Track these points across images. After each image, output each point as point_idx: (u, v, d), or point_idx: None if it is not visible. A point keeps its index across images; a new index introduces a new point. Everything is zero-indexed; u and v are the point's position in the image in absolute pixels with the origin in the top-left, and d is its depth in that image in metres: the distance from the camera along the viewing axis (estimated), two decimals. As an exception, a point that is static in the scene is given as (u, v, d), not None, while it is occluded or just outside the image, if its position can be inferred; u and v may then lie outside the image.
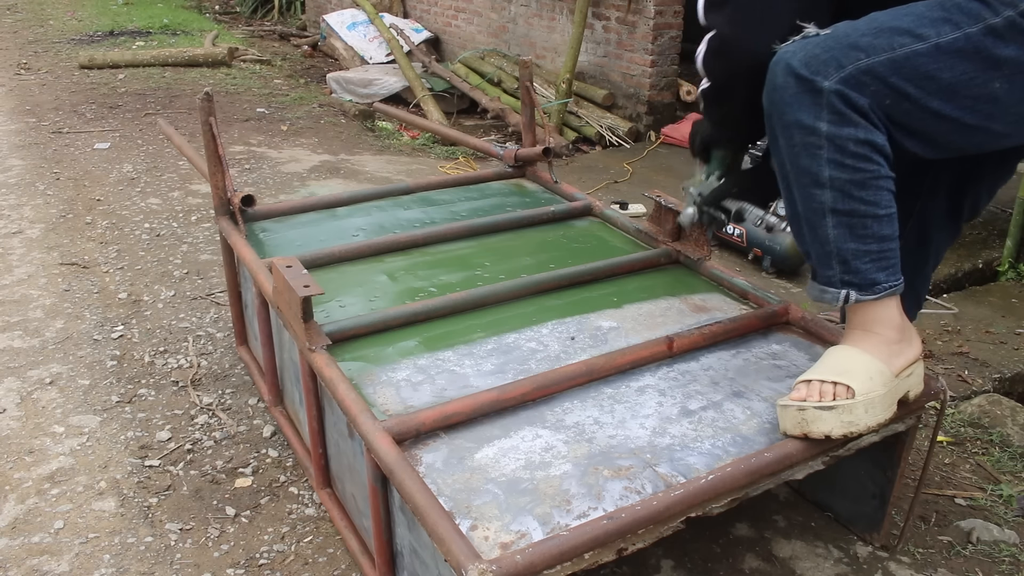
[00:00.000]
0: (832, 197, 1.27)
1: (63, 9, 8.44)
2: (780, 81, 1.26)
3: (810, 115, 1.24)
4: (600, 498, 1.16)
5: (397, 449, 1.21)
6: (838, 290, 1.32)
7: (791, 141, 1.27)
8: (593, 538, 1.08)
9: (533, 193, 2.27)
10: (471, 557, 1.01)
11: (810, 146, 1.26)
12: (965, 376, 2.25)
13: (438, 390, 1.40)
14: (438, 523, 1.07)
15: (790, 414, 1.28)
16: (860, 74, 1.22)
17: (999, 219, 3.37)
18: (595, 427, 1.32)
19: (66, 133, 4.29)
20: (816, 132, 1.24)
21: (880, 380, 1.29)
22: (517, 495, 1.16)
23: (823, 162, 1.25)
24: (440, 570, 1.16)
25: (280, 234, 2.00)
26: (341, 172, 3.86)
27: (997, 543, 1.62)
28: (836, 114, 1.23)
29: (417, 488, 1.13)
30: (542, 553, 1.04)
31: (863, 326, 1.35)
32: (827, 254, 1.31)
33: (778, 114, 1.28)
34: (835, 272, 1.31)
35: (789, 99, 1.25)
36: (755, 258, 3.04)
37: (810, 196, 1.29)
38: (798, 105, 1.25)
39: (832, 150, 1.25)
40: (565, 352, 1.51)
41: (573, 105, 4.94)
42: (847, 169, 1.25)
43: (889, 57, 1.22)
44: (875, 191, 1.27)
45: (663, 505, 1.13)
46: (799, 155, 1.27)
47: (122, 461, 1.83)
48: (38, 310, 2.49)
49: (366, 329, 1.56)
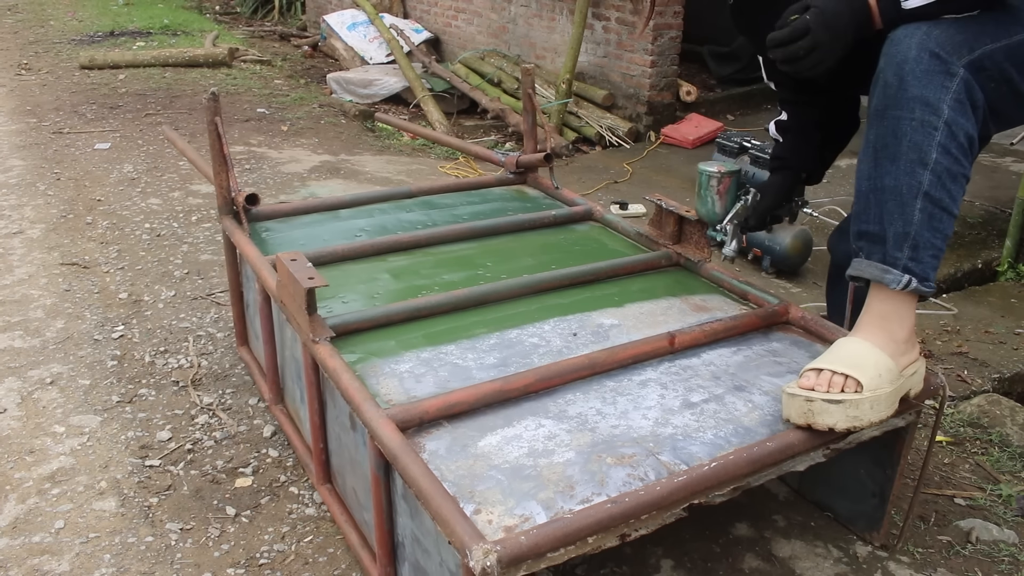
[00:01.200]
0: (930, 181, 1.29)
1: (63, 9, 8.44)
2: (914, 54, 1.27)
3: (937, 94, 1.26)
4: (603, 484, 1.17)
5: (400, 435, 1.21)
6: (900, 274, 1.32)
7: (911, 114, 1.28)
8: (597, 521, 1.08)
9: (534, 199, 2.28)
10: (475, 538, 1.01)
11: (927, 124, 1.27)
12: (964, 376, 2.25)
13: (441, 381, 1.41)
14: (442, 506, 1.07)
15: (797, 403, 1.28)
16: (984, 58, 1.27)
17: (999, 219, 3.38)
18: (598, 417, 1.32)
19: (67, 133, 4.29)
20: (938, 112, 1.26)
21: (888, 377, 1.30)
22: (520, 481, 1.17)
23: (934, 144, 1.27)
24: (443, 557, 1.16)
25: (283, 234, 2.01)
26: (341, 172, 3.86)
27: (996, 543, 1.62)
28: (959, 102, 1.26)
29: (421, 472, 1.13)
30: (546, 535, 1.04)
31: (881, 319, 1.35)
32: (904, 235, 1.31)
33: (902, 86, 1.28)
34: (903, 256, 1.32)
35: (920, 74, 1.26)
36: (755, 258, 3.05)
37: (912, 173, 1.29)
38: (927, 81, 1.26)
39: (946, 135, 1.27)
40: (567, 347, 1.52)
41: (573, 105, 4.94)
42: (951, 158, 1.28)
43: (1007, 43, 1.28)
44: (960, 188, 1.31)
45: (666, 491, 1.13)
46: (915, 130, 1.28)
47: (122, 461, 1.84)
48: (39, 310, 2.49)
49: (369, 324, 1.57)
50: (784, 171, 1.78)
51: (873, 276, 1.35)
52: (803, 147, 1.76)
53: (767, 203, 1.74)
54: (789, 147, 1.78)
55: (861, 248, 1.38)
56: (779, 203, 1.77)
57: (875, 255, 1.36)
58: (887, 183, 1.32)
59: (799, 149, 1.77)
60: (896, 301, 1.34)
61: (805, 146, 1.76)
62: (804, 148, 1.76)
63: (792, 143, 1.78)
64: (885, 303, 1.35)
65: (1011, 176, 3.92)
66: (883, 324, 1.35)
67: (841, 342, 1.36)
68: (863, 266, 1.37)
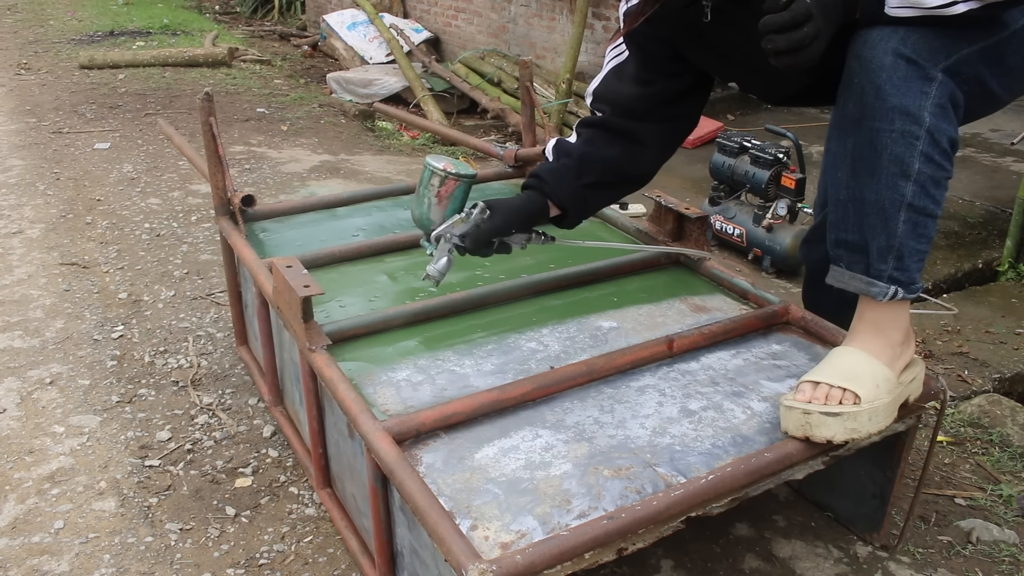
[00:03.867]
0: (913, 191, 1.24)
1: (63, 9, 8.44)
2: (889, 61, 1.19)
3: (917, 102, 1.20)
4: (600, 498, 1.16)
5: (397, 449, 1.21)
6: (887, 285, 1.29)
7: (890, 126, 1.21)
8: (593, 538, 1.08)
9: (533, 193, 2.27)
10: (471, 557, 1.01)
11: (908, 135, 1.21)
12: (965, 376, 2.25)
13: (438, 390, 1.40)
14: (438, 523, 1.07)
15: (794, 416, 1.27)
16: (961, 63, 1.21)
17: (999, 219, 3.37)
18: (595, 427, 1.32)
19: (66, 133, 4.29)
20: (919, 121, 1.20)
21: (886, 388, 1.28)
22: (517, 495, 1.17)
23: (916, 154, 1.22)
24: (440, 570, 1.16)
25: (280, 234, 2.00)
26: (341, 172, 3.86)
27: (997, 543, 1.62)
28: (940, 107, 1.21)
29: (417, 488, 1.13)
30: (542, 553, 1.04)
31: (875, 325, 1.33)
32: (888, 248, 1.27)
33: (880, 95, 1.21)
34: (887, 267, 1.28)
35: (898, 81, 1.19)
36: (755, 258, 3.04)
37: (894, 187, 1.24)
38: (906, 89, 1.19)
39: (928, 143, 1.21)
40: (565, 352, 1.51)
41: (573, 105, 4.94)
42: (933, 165, 1.23)
43: (983, 46, 1.22)
44: (942, 192, 1.26)
45: (663, 505, 1.13)
46: (895, 142, 1.22)
47: (122, 461, 1.84)
48: (38, 310, 2.49)
49: (366, 329, 1.56)
50: (533, 193, 1.54)
51: (858, 289, 1.32)
52: (568, 177, 1.53)
53: (495, 224, 1.44)
54: (553, 170, 1.55)
55: (840, 257, 1.34)
56: (510, 229, 1.47)
57: (857, 266, 1.31)
58: (867, 196, 1.26)
59: (563, 177, 1.54)
60: (888, 307, 1.32)
61: (571, 177, 1.53)
62: (568, 179, 1.53)
63: (559, 168, 1.55)
64: (876, 311, 1.33)
65: (1011, 176, 3.91)
66: (877, 330, 1.33)
67: (837, 352, 1.34)
68: (845, 278, 1.33)
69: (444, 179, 1.43)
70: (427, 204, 1.45)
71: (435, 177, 1.44)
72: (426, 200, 1.45)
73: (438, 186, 1.44)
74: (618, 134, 1.55)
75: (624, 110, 1.55)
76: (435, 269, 1.42)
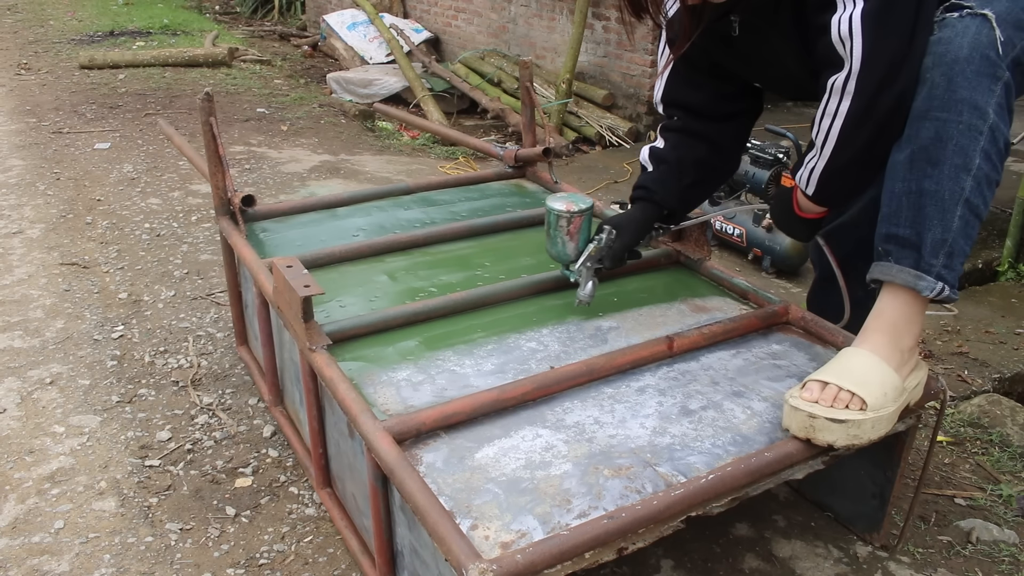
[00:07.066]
0: (971, 187, 1.24)
1: (63, 9, 8.44)
2: (966, 54, 1.21)
3: (985, 97, 1.21)
4: (600, 497, 1.16)
5: (397, 449, 1.21)
6: (934, 281, 1.28)
7: (959, 117, 1.22)
8: (594, 537, 1.08)
9: (533, 194, 2.28)
10: (472, 557, 1.01)
11: (973, 129, 1.22)
12: (965, 376, 2.25)
13: (438, 390, 1.40)
14: (438, 523, 1.07)
15: (799, 417, 1.26)
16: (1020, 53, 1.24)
17: (999, 219, 3.37)
18: (595, 427, 1.32)
19: (66, 133, 4.29)
20: (984, 116, 1.22)
21: (892, 396, 1.28)
22: (517, 494, 1.17)
23: (977, 149, 1.23)
24: (440, 570, 1.16)
25: (280, 234, 2.01)
26: (341, 172, 3.86)
27: (997, 543, 1.62)
28: (1000, 106, 1.23)
29: (417, 488, 1.13)
30: (542, 552, 1.04)
31: (892, 326, 1.32)
32: (941, 242, 1.27)
33: (951, 87, 1.22)
34: (937, 263, 1.28)
35: (971, 75, 1.21)
36: (755, 258, 3.05)
37: (956, 179, 1.24)
38: (977, 83, 1.21)
39: (988, 140, 1.23)
40: (565, 352, 1.51)
41: (573, 105, 4.94)
42: (990, 164, 1.24)
43: None
44: (992, 194, 1.27)
45: (663, 504, 1.13)
46: (961, 134, 1.23)
47: (122, 461, 1.84)
48: (38, 310, 2.49)
49: (366, 329, 1.56)
50: (646, 203, 1.64)
51: (906, 282, 1.31)
52: (671, 182, 1.63)
53: (624, 241, 1.59)
54: (657, 179, 1.64)
55: (889, 252, 1.33)
56: (637, 240, 1.62)
57: (906, 260, 1.30)
58: (927, 187, 1.26)
59: (667, 183, 1.63)
60: (910, 308, 1.31)
61: (674, 182, 1.63)
62: (672, 183, 1.63)
63: (661, 175, 1.64)
64: (899, 310, 1.32)
65: (1011, 176, 3.91)
66: (892, 333, 1.32)
67: (848, 353, 1.33)
68: (893, 271, 1.32)
69: (571, 219, 1.57)
70: (561, 243, 1.60)
71: (562, 219, 1.57)
72: (559, 240, 1.60)
73: (567, 226, 1.58)
74: (697, 136, 1.63)
75: (693, 113, 1.63)
76: (585, 294, 1.57)
